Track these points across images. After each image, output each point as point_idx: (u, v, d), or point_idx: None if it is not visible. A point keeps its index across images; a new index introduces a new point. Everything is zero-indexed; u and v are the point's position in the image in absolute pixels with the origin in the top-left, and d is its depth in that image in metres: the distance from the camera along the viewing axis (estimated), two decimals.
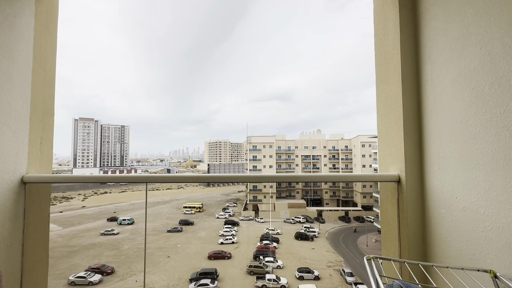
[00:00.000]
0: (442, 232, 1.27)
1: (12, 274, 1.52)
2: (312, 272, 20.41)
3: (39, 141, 1.69)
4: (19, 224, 1.56)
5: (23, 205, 1.58)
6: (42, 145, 1.72)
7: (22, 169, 1.58)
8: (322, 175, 2.07)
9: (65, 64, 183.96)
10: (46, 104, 1.73)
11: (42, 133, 1.71)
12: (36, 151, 1.67)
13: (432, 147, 1.34)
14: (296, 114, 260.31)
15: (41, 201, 1.68)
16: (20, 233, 1.57)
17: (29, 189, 1.61)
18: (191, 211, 40.80)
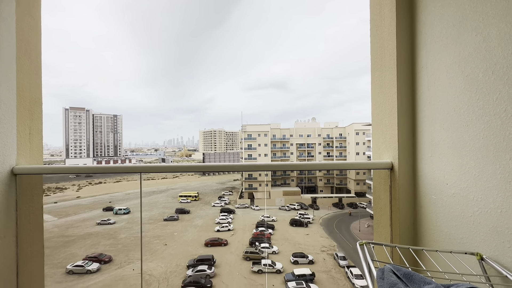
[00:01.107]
0: (432, 217, 1.31)
1: (7, 265, 1.52)
2: (306, 257, 21.04)
3: (28, 131, 1.65)
4: (11, 216, 1.54)
5: (14, 197, 1.56)
6: (31, 136, 1.67)
7: (12, 161, 1.55)
8: (317, 163, 2.10)
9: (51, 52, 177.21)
10: (33, 93, 1.67)
11: (30, 123, 1.67)
12: (25, 142, 1.63)
13: (425, 134, 1.36)
14: (291, 102, 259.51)
15: (33, 193, 1.66)
16: (13, 225, 1.55)
17: (20, 181, 1.59)
18: (187, 200, 41.07)
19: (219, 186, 56.14)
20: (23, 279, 1.60)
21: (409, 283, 0.74)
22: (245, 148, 49.05)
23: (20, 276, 1.59)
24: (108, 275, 19.29)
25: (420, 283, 0.71)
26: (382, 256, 1.32)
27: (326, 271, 19.60)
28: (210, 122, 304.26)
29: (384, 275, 0.78)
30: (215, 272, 19.12)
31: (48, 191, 48.90)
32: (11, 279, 1.54)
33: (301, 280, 17.36)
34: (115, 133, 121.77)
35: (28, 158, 1.65)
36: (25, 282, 1.61)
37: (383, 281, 0.76)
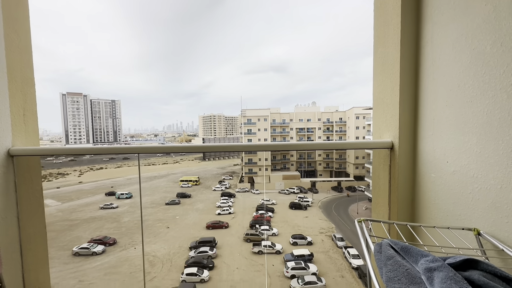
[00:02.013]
0: (431, 195, 1.31)
1: (11, 245, 1.54)
2: (305, 238, 21.65)
3: (22, 112, 1.62)
4: (11, 197, 1.55)
5: (13, 178, 1.56)
6: (25, 117, 1.64)
7: (7, 142, 1.53)
8: (316, 143, 2.09)
9: (45, 34, 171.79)
10: (24, 73, 1.62)
11: (24, 105, 1.63)
12: (20, 123, 1.60)
13: (427, 112, 1.33)
14: (291, 86, 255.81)
15: (32, 175, 1.65)
16: (13, 206, 1.56)
17: (18, 162, 1.58)
18: (188, 185, 41.61)
19: (220, 171, 56.67)
20: (28, 258, 1.64)
21: (407, 256, 0.74)
22: (245, 133, 49.00)
23: (24, 255, 1.62)
24: (113, 257, 19.93)
25: (417, 256, 0.71)
26: (380, 233, 1.33)
27: (324, 252, 20.24)
28: (210, 106, 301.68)
29: (382, 249, 0.78)
30: (217, 253, 19.75)
31: (50, 177, 49.41)
32: (15, 258, 1.58)
33: (300, 260, 17.97)
34: (114, 118, 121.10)
35: (24, 140, 1.63)
36: (30, 261, 1.65)
37: (381, 255, 0.77)
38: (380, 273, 0.72)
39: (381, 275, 0.71)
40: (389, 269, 0.67)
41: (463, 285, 0.56)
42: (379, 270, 0.75)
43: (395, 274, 0.65)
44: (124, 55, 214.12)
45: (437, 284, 0.57)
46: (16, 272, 1.58)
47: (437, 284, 0.57)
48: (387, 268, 0.68)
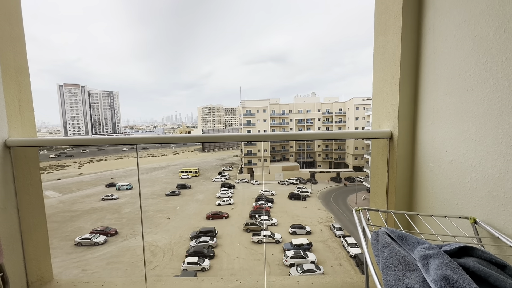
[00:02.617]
0: (429, 185, 1.31)
1: (12, 235, 1.56)
2: (304, 228, 21.98)
3: (17, 103, 1.59)
4: (9, 188, 1.55)
5: (11, 170, 1.55)
6: (21, 108, 1.62)
7: (4, 133, 1.52)
8: (315, 132, 2.07)
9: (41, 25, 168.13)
10: (18, 62, 1.59)
11: (19, 95, 1.61)
12: (15, 114, 1.59)
13: (427, 101, 1.31)
14: (291, 77, 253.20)
15: (30, 166, 1.65)
16: (12, 197, 1.56)
17: (15, 154, 1.57)
18: (188, 176, 41.83)
19: (219, 162, 56.86)
20: (29, 248, 1.66)
21: (403, 244, 0.75)
22: (244, 124, 48.86)
23: (26, 245, 1.63)
24: (115, 247, 20.25)
25: (414, 243, 0.72)
26: (377, 222, 1.35)
27: (322, 241, 20.60)
28: (209, 98, 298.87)
29: (379, 237, 0.79)
30: (217, 243, 20.08)
31: (50, 169, 49.55)
32: (16, 248, 1.59)
33: (299, 249, 18.30)
34: (112, 110, 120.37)
35: (21, 131, 1.61)
36: (31, 250, 1.67)
37: (377, 243, 0.78)
38: (377, 260, 0.73)
39: (378, 262, 0.72)
40: (386, 257, 0.68)
41: (458, 271, 0.56)
42: (375, 257, 0.76)
43: (391, 261, 0.66)
44: (121, 44, 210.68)
45: (433, 271, 0.58)
46: (18, 262, 1.60)
47: (433, 270, 0.58)
48: (384, 256, 0.69)
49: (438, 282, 0.54)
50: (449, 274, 0.55)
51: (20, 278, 1.62)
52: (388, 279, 0.60)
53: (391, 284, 0.59)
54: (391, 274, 0.62)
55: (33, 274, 1.68)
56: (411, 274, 0.61)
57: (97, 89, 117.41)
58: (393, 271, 0.62)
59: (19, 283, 1.61)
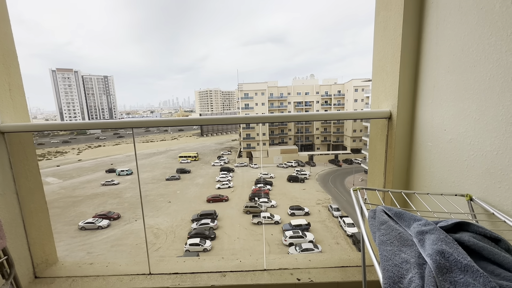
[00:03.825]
0: (426, 164, 1.32)
1: (13, 220, 1.57)
2: (302, 209, 22.50)
3: (8, 87, 1.55)
4: (7, 174, 1.54)
5: (6, 155, 1.54)
6: (12, 92, 1.58)
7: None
8: (314, 114, 1.99)
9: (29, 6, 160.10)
10: (4, 44, 1.53)
11: (8, 79, 1.56)
12: (6, 98, 1.54)
13: (427, 79, 1.29)
14: (290, 58, 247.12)
15: (26, 151, 1.63)
16: (11, 182, 1.56)
17: (9, 139, 1.55)
18: (187, 160, 42.07)
19: (218, 146, 56.98)
20: (32, 232, 1.68)
21: (400, 221, 0.76)
22: (242, 108, 48.43)
23: (28, 229, 1.66)
24: (118, 230, 20.75)
25: (410, 220, 0.73)
26: (375, 201, 1.36)
27: (321, 221, 21.17)
28: (206, 81, 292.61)
29: (376, 215, 0.80)
30: (218, 225, 20.60)
31: (48, 155, 49.55)
32: (19, 233, 1.62)
33: (297, 229, 18.84)
34: (108, 95, 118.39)
35: (13, 116, 1.58)
36: (34, 234, 1.70)
37: (374, 220, 0.79)
38: (374, 237, 0.74)
39: (374, 239, 0.74)
40: (382, 233, 0.69)
41: (453, 245, 0.57)
42: (372, 235, 0.77)
43: (387, 238, 0.67)
44: (114, 25, 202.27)
45: (428, 246, 0.59)
46: (22, 246, 1.63)
47: (428, 245, 0.59)
48: (380, 232, 0.70)
49: (433, 256, 0.55)
50: (444, 249, 0.56)
51: (25, 261, 1.66)
52: (384, 254, 0.61)
53: (387, 259, 0.60)
54: (387, 249, 0.63)
55: (38, 257, 1.72)
56: (407, 249, 0.62)
57: (91, 74, 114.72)
58: (389, 247, 0.63)
59: (25, 265, 1.65)
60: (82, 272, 1.74)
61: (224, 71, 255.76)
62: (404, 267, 0.57)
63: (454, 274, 0.51)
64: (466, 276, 0.50)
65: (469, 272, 0.50)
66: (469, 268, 0.50)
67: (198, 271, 1.70)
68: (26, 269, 1.66)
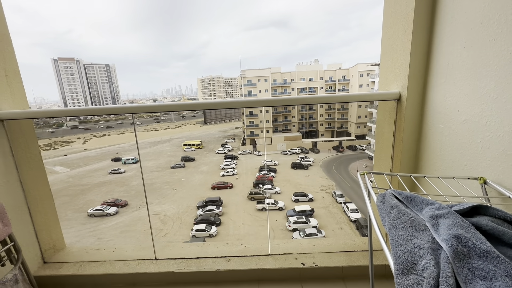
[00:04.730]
0: (437, 146, 1.26)
1: (18, 207, 1.58)
2: (306, 196, 22.68)
3: (3, 73, 1.51)
4: (9, 162, 1.53)
5: (7, 143, 1.52)
6: (8, 79, 1.54)
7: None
8: (318, 96, 1.96)
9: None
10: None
11: (4, 65, 1.51)
12: (3, 85, 1.51)
13: (441, 57, 1.21)
14: (294, 43, 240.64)
15: (27, 139, 1.62)
16: (13, 170, 1.56)
17: (9, 127, 1.53)
18: (191, 148, 42.31)
19: (221, 134, 57.03)
20: (38, 219, 1.70)
21: (411, 205, 0.72)
22: (245, 95, 47.92)
23: (34, 216, 1.67)
24: (126, 217, 21.28)
25: (422, 204, 0.69)
26: (382, 186, 1.32)
27: (324, 207, 21.37)
28: (208, 68, 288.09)
29: (385, 199, 0.76)
30: (223, 211, 20.96)
31: (55, 145, 50.28)
32: (25, 219, 1.63)
33: (301, 215, 19.09)
34: (110, 84, 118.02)
35: (12, 103, 1.55)
36: (40, 221, 1.71)
37: (384, 205, 0.75)
38: (383, 222, 0.71)
39: (384, 224, 0.70)
40: (393, 218, 0.66)
41: (470, 230, 0.54)
42: (382, 219, 0.74)
43: (399, 222, 0.63)
44: (114, 12, 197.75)
45: (443, 230, 0.55)
46: (29, 232, 1.65)
47: (443, 230, 0.55)
48: (391, 217, 0.67)
49: (450, 241, 0.51)
50: (461, 233, 0.52)
51: (33, 247, 1.68)
52: (396, 240, 0.58)
53: (398, 244, 0.57)
54: (398, 234, 0.60)
55: (45, 243, 1.75)
56: (420, 234, 0.59)
57: (93, 63, 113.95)
58: (401, 232, 0.60)
59: (33, 251, 1.68)
60: (90, 258, 1.77)
61: (226, 57, 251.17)
62: (417, 252, 0.54)
63: (472, 260, 0.48)
64: (486, 262, 0.46)
65: (489, 258, 0.46)
66: (489, 254, 0.47)
67: (203, 256, 1.72)
68: (35, 254, 1.69)
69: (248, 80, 47.49)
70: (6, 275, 1.27)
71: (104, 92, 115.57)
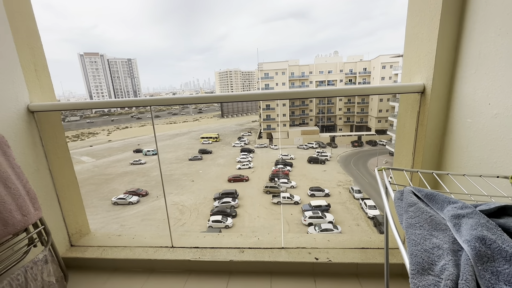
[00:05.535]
0: (463, 142, 1.19)
1: (48, 193, 1.69)
2: (322, 191, 22.38)
3: (33, 67, 1.60)
4: (39, 151, 1.64)
5: (38, 133, 1.63)
6: (38, 73, 1.63)
7: (25, 98, 1.56)
8: (337, 88, 1.76)
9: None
10: (27, 24, 1.56)
11: (33, 59, 1.60)
12: (33, 79, 1.60)
13: (472, 45, 1.12)
14: (313, 35, 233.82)
15: (54, 130, 1.72)
16: (43, 159, 1.66)
17: (39, 118, 1.63)
18: (209, 141, 43.02)
19: (238, 127, 57.38)
20: (65, 205, 1.81)
21: (431, 203, 0.68)
22: (262, 88, 47.64)
23: (62, 202, 1.79)
24: (147, 206, 22.23)
25: (444, 202, 0.65)
26: (401, 182, 1.27)
27: (341, 203, 21.00)
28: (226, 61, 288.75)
29: (403, 196, 0.73)
30: (239, 204, 21.25)
31: (82, 136, 53.24)
32: (54, 205, 1.75)
33: (317, 210, 18.92)
34: (132, 78, 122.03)
35: (41, 96, 1.65)
36: (68, 207, 1.83)
37: (401, 202, 0.72)
38: (400, 220, 0.68)
39: (401, 222, 0.67)
40: (410, 216, 0.63)
41: (496, 231, 0.50)
42: (398, 217, 0.71)
43: (417, 221, 0.60)
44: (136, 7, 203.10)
45: (466, 231, 0.52)
46: (57, 217, 1.77)
47: (466, 230, 0.52)
48: (408, 215, 0.64)
49: (472, 242, 0.48)
50: (485, 235, 0.49)
51: (61, 231, 1.81)
52: (413, 238, 0.55)
53: (415, 243, 0.54)
54: (416, 233, 0.57)
55: (72, 228, 1.87)
56: (440, 233, 0.56)
57: (116, 57, 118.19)
58: (419, 230, 0.57)
59: (61, 235, 1.80)
60: (112, 243, 1.87)
61: (244, 50, 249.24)
62: (436, 253, 0.51)
63: (497, 263, 0.44)
64: None
65: None
66: None
67: (217, 246, 1.76)
68: (63, 238, 1.81)
69: (266, 73, 47.08)
70: (37, 255, 1.38)
71: (126, 85, 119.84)
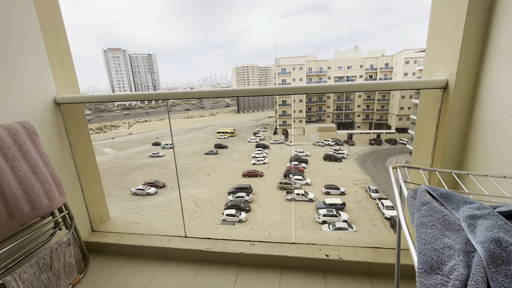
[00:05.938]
0: (488, 142, 1.12)
1: (72, 181, 1.80)
2: (338, 189, 21.99)
3: (60, 62, 1.69)
4: (64, 141, 1.74)
5: (63, 124, 1.73)
6: (64, 67, 1.73)
7: (52, 91, 1.65)
8: (353, 83, 1.79)
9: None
10: (54, 21, 1.65)
11: (60, 54, 1.70)
12: (59, 72, 1.70)
13: (501, 38, 1.04)
14: (333, 29, 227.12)
15: (78, 121, 1.82)
16: (68, 148, 1.77)
17: (64, 110, 1.72)
18: (224, 136, 43.50)
19: (254, 123, 57.47)
20: (87, 192, 1.92)
21: (446, 202, 0.66)
22: (279, 84, 47.23)
23: (84, 190, 1.89)
24: (164, 197, 22.99)
25: (460, 202, 0.63)
26: (418, 181, 1.23)
27: (357, 202, 20.55)
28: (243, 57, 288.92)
29: (417, 195, 0.71)
30: (253, 199, 21.41)
31: (105, 129, 55.74)
32: (77, 192, 1.86)
33: (332, 208, 18.65)
34: (152, 73, 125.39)
35: (66, 89, 1.74)
36: (89, 195, 1.94)
37: (415, 200, 0.70)
38: (412, 218, 0.66)
39: (412, 221, 0.65)
40: (422, 214, 0.61)
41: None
42: (410, 216, 0.69)
43: (428, 220, 0.58)
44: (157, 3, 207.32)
45: (481, 232, 0.50)
46: (80, 203, 1.89)
47: (481, 232, 0.50)
48: (420, 213, 0.62)
49: (486, 244, 0.46)
50: (502, 237, 0.46)
51: (84, 217, 1.92)
52: (423, 237, 0.54)
53: (425, 242, 0.53)
54: (426, 232, 0.55)
55: (93, 214, 1.98)
56: (452, 234, 0.54)
57: (137, 53, 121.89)
58: (430, 230, 0.55)
59: (83, 220, 1.92)
60: (129, 230, 1.96)
61: (262, 45, 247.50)
62: (446, 253, 0.49)
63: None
64: None
65: None
66: None
67: (229, 238, 1.79)
68: (85, 223, 1.93)
69: (283, 69, 46.56)
70: (62, 237, 1.48)
71: (146, 80, 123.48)
